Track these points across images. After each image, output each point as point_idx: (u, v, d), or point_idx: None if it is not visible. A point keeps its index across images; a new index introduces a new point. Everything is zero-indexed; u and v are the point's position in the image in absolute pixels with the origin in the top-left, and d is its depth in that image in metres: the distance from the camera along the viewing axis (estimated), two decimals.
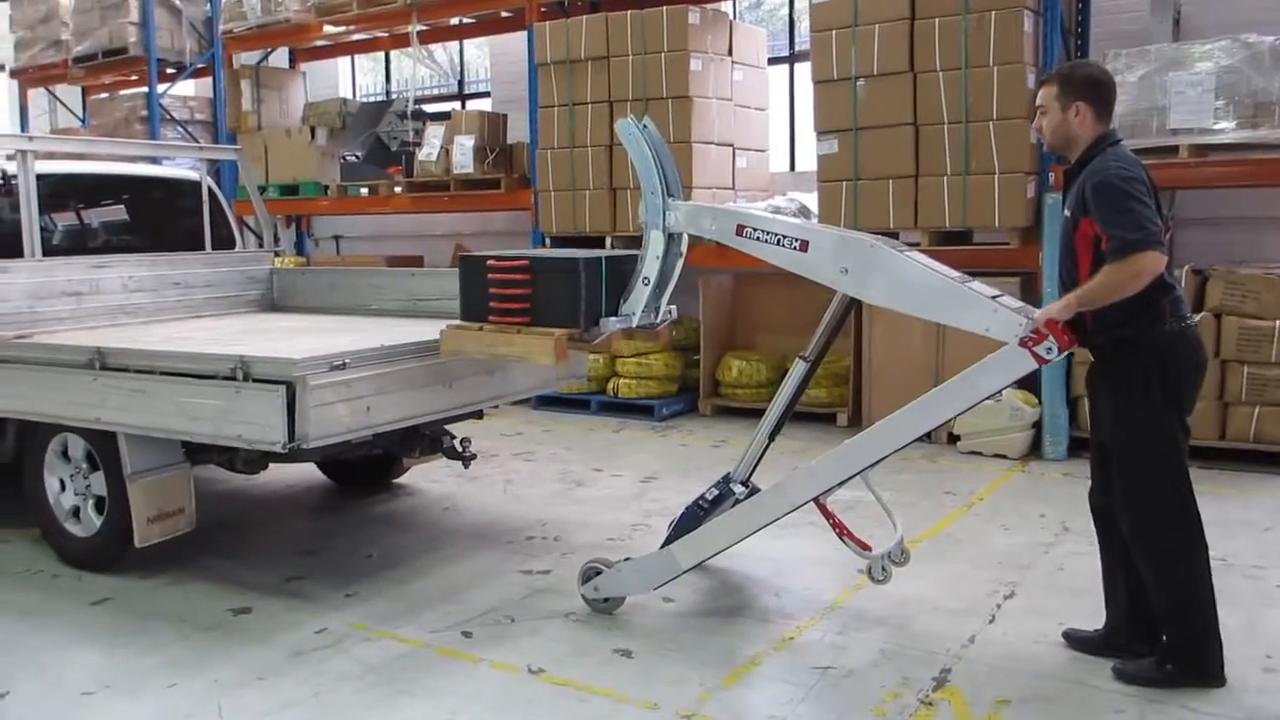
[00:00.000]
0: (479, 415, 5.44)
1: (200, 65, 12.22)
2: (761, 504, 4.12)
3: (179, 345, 5.03)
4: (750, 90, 9.13)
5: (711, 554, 4.26)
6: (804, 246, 3.89)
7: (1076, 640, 4.06)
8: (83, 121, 13.73)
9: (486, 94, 11.73)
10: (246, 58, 12.33)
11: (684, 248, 4.23)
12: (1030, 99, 7.18)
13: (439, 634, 4.28)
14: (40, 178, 5.73)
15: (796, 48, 9.83)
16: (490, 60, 11.72)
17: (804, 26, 9.68)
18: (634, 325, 4.26)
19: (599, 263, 4.22)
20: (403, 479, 6.61)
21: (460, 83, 12.23)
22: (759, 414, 8.41)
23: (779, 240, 3.93)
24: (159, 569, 5.04)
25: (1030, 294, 7.30)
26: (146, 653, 4.17)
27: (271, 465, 5.33)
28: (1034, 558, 5.09)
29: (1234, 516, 5.66)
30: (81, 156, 7.49)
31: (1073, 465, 6.81)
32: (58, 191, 6.29)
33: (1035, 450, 7.11)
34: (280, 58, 12.76)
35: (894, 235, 7.66)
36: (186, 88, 12.85)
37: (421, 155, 9.91)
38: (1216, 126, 6.65)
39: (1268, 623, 4.30)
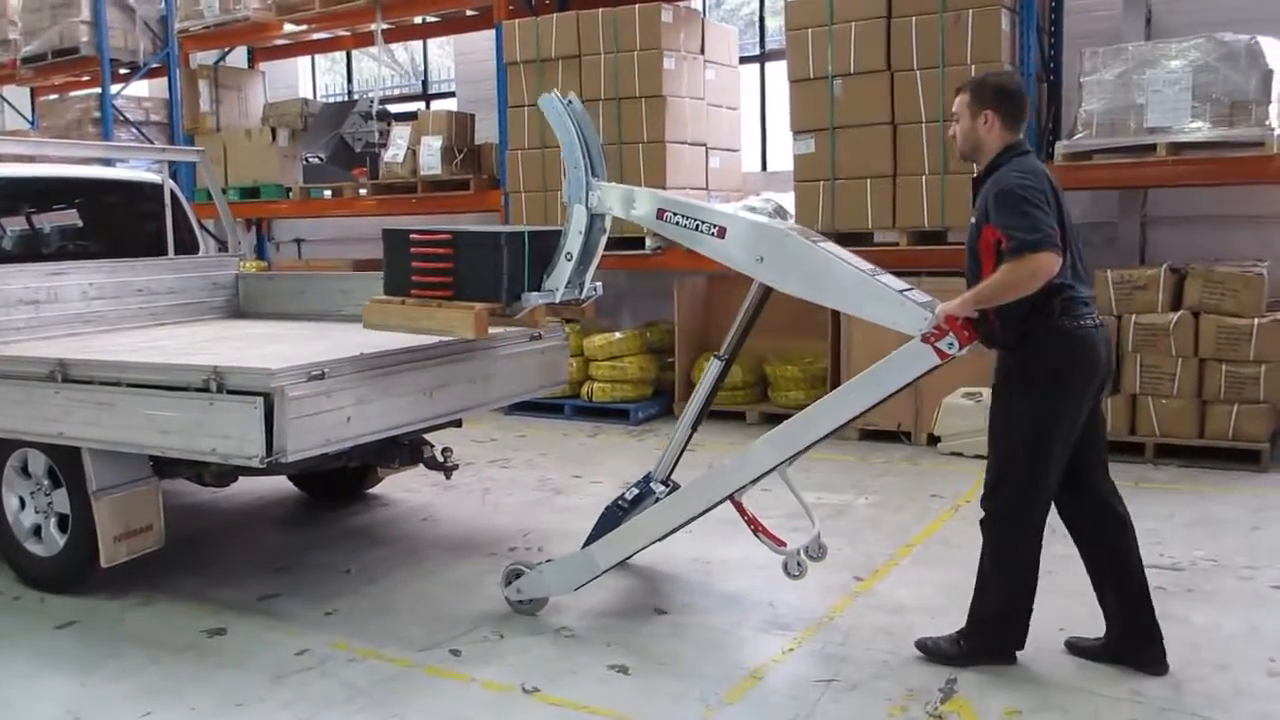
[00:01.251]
0: (458, 424, 5.28)
1: (155, 65, 11.91)
2: (678, 503, 4.16)
3: (146, 355, 4.83)
4: (722, 89, 9.04)
5: (630, 553, 4.27)
6: (721, 233, 3.93)
7: (1081, 650, 4.00)
8: (32, 124, 13.35)
9: (451, 94, 11.54)
10: (203, 57, 12.03)
11: (607, 225, 4.24)
12: None
13: (426, 653, 4.12)
14: None
15: (767, 46, 9.75)
16: (455, 60, 11.54)
17: (774, 25, 9.63)
18: (557, 300, 4.26)
19: (521, 237, 4.21)
20: (376, 489, 6.43)
21: (424, 83, 12.02)
22: (736, 416, 8.47)
23: (698, 225, 3.96)
24: (127, 589, 4.83)
25: None
26: (118, 679, 3.97)
27: (241, 477, 5.13)
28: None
29: (1219, 516, 5.64)
30: (36, 159, 7.21)
31: None
32: (11, 195, 6.03)
33: None
34: (238, 57, 12.47)
35: (871, 235, 7.62)
36: (141, 88, 12.52)
37: (387, 156, 9.71)
38: (1193, 125, 6.64)
39: (1267, 625, 4.25)
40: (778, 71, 9.22)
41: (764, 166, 9.76)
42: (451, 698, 3.76)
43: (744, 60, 9.57)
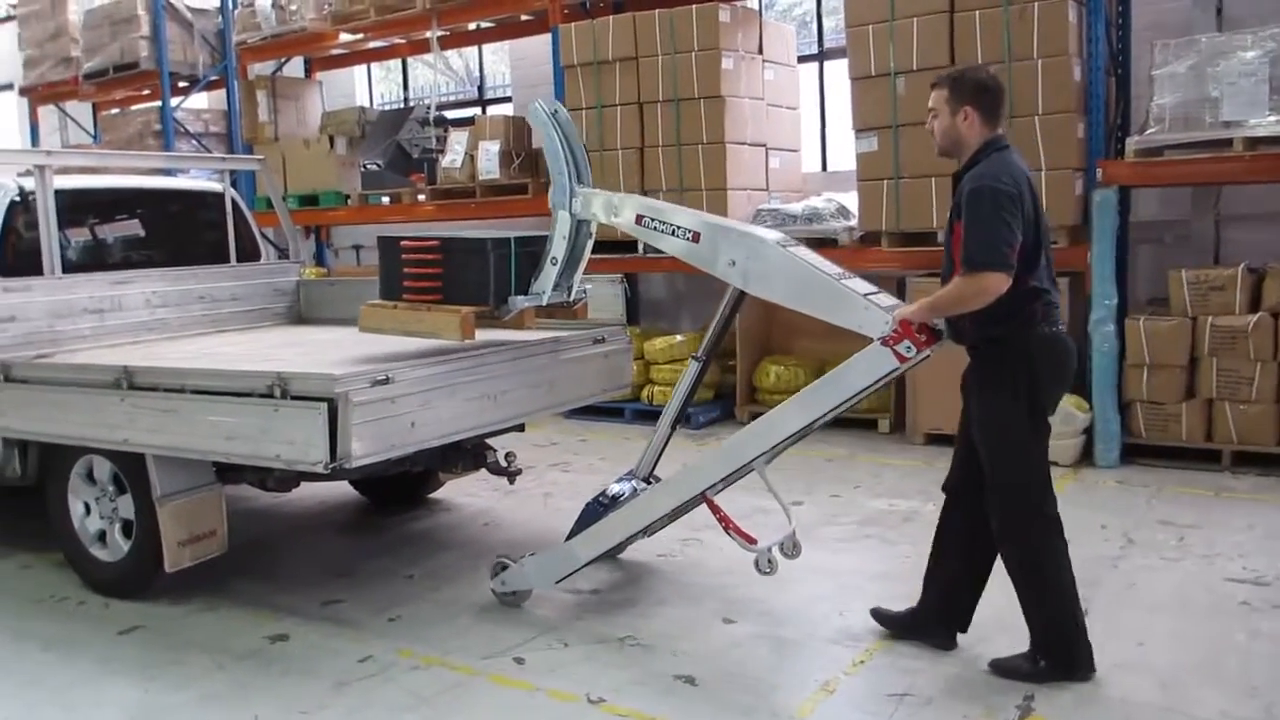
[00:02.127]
0: (521, 428, 5.22)
1: (214, 77, 12.06)
2: (652, 499, 4.31)
3: (209, 361, 4.83)
4: (781, 89, 8.92)
5: (609, 547, 4.41)
6: (695, 238, 4.08)
7: (884, 618, 4.14)
8: (94, 138, 13.57)
9: (507, 99, 11.53)
10: (260, 68, 12.16)
11: (593, 230, 4.42)
12: (1078, 92, 6.97)
13: (490, 660, 4.06)
14: (59, 193, 5.54)
15: (825, 45, 9.61)
16: (510, 65, 11.52)
17: (831, 24, 9.49)
18: (544, 303, 4.43)
19: (508, 243, 4.37)
20: (437, 494, 6.40)
21: (480, 88, 12.04)
22: None
23: (674, 230, 4.12)
24: (190, 594, 4.83)
25: (1079, 295, 7.07)
26: (181, 686, 3.96)
27: (303, 483, 5.11)
28: (1102, 573, 4.84)
29: None
30: (101, 171, 7.30)
31: (1127, 473, 6.56)
32: (77, 207, 6.09)
33: (1087, 457, 6.85)
34: (295, 68, 12.59)
35: (935, 235, 7.45)
36: (200, 101, 12.67)
37: (445, 162, 9.71)
38: (1270, 118, 6.39)
39: None
40: (836, 70, 9.10)
41: (824, 166, 9.61)
42: (516, 708, 3.69)
43: (802, 59, 9.44)
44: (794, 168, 9.14)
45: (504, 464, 5.23)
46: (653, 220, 4.16)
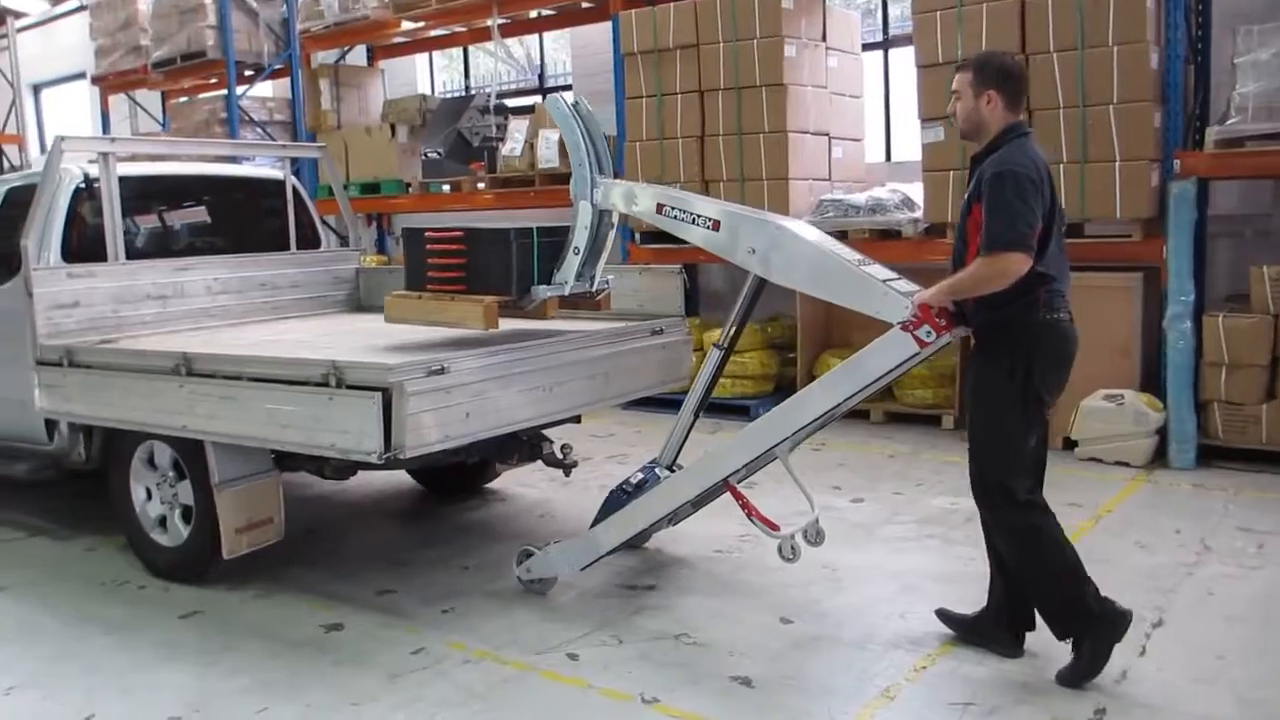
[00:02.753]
0: (577, 420, 5.17)
1: (278, 66, 12.15)
2: (673, 486, 4.33)
3: (267, 349, 4.83)
4: (845, 77, 8.75)
5: (629, 534, 4.43)
6: (716, 226, 4.11)
7: (949, 619, 4.09)
8: (163, 125, 13.77)
9: (568, 87, 11.48)
10: (324, 57, 12.25)
11: (615, 220, 4.49)
12: (1155, 80, 6.73)
13: (543, 655, 4.01)
14: (123, 180, 5.58)
15: (890, 32, 9.42)
16: (571, 53, 11.47)
17: (897, 11, 9.29)
18: (566, 293, 4.47)
19: (531, 233, 4.42)
20: (494, 484, 6.37)
21: (541, 77, 11.99)
22: (859, 415, 8.18)
23: (694, 219, 4.16)
24: (247, 580, 4.85)
25: (1154, 290, 6.84)
26: (236, 673, 3.96)
27: (360, 471, 5.10)
28: (1177, 581, 4.66)
29: None
30: (164, 158, 7.37)
31: (1203, 475, 6.33)
32: (141, 193, 6.15)
33: (1160, 458, 6.62)
34: (358, 56, 12.65)
35: None
36: (265, 89, 12.78)
37: (505, 150, 9.68)
38: None
39: None
40: (902, 58, 8.91)
41: (888, 156, 9.43)
42: (568, 705, 3.63)
43: (867, 47, 9.26)
44: (857, 158, 8.98)
45: (559, 456, 5.18)
46: (673, 209, 4.21)
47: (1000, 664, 3.83)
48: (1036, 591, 3.78)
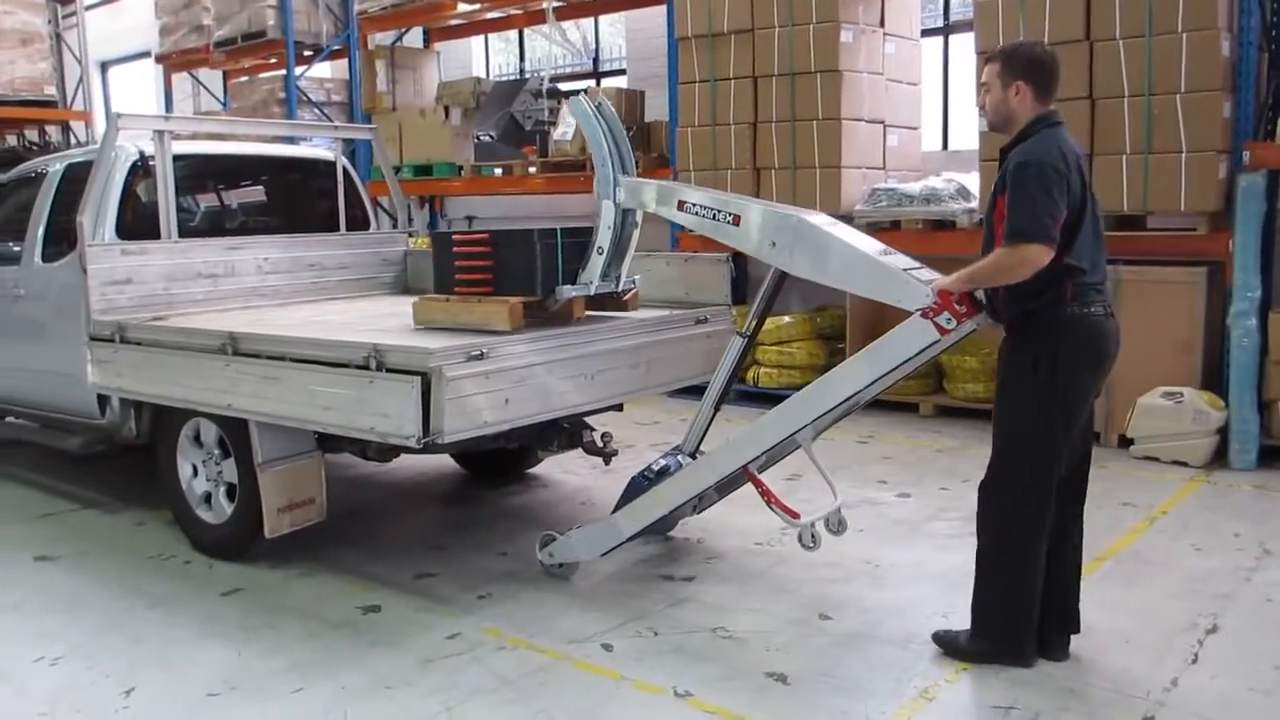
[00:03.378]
0: (619, 408, 5.13)
1: (336, 47, 12.24)
2: (693, 473, 4.32)
3: (313, 330, 4.85)
4: (902, 64, 8.58)
5: (649, 521, 4.41)
6: (736, 220, 4.13)
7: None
8: (224, 105, 13.93)
9: (622, 71, 11.42)
10: (381, 38, 12.30)
11: (639, 219, 4.53)
12: (1226, 69, 6.51)
13: (577, 645, 3.98)
14: (176, 159, 5.63)
15: (951, 18, 9.22)
16: (626, 37, 11.40)
17: None
18: (592, 292, 4.51)
19: (555, 234, 4.48)
20: (536, 469, 6.37)
21: (595, 60, 11.94)
22: (908, 408, 8.06)
23: (714, 215, 4.18)
24: (289, 559, 4.89)
25: (1218, 286, 6.63)
26: (274, 652, 3.99)
27: (402, 453, 5.11)
28: (1234, 585, 4.52)
29: None
30: (218, 137, 7.43)
31: (1264, 477, 6.14)
32: (194, 172, 6.21)
33: (1220, 458, 6.43)
34: (414, 38, 12.69)
35: None
36: (323, 70, 12.89)
37: (556, 134, 9.65)
38: None
39: None
40: (962, 44, 8.72)
41: (945, 145, 9.25)
42: (600, 696, 3.60)
43: (926, 33, 9.07)
44: (913, 146, 8.80)
45: (600, 444, 5.14)
46: (694, 205, 4.24)
47: (1044, 667, 3.73)
48: (988, 593, 3.75)
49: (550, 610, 4.32)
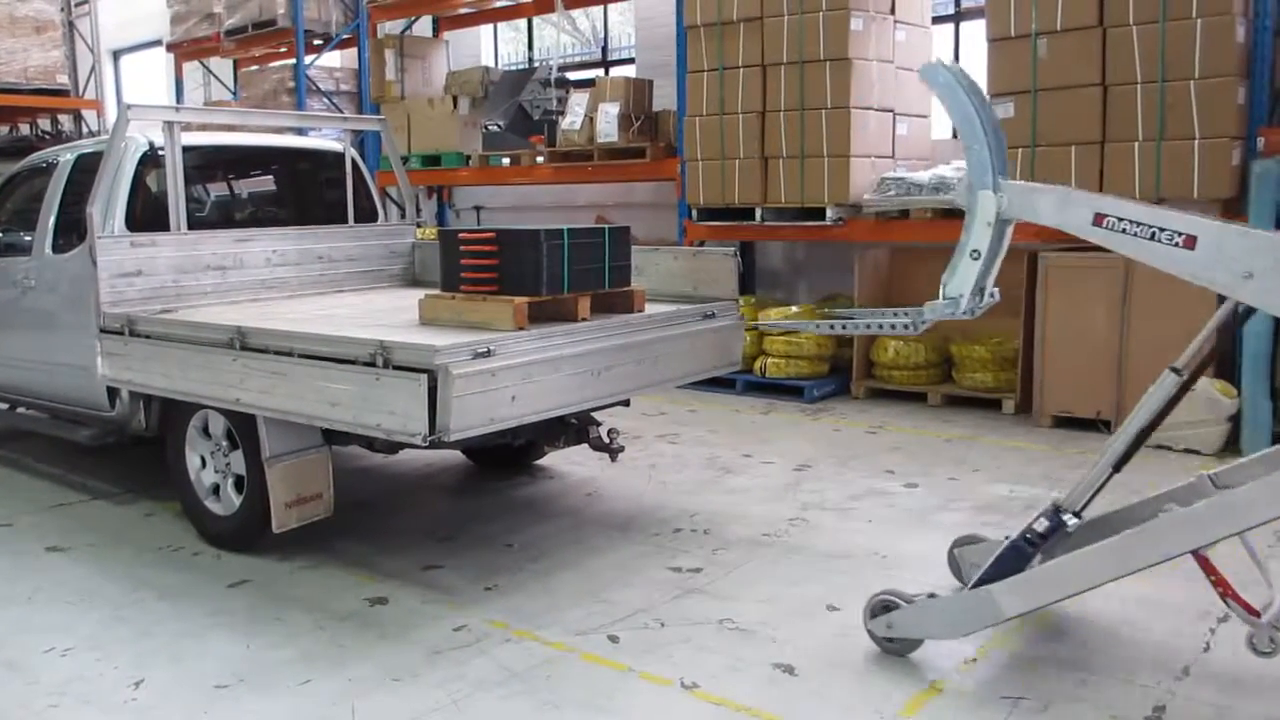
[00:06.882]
0: (626, 403, 5.12)
1: (346, 36, 12.23)
2: (1125, 548, 3.41)
3: (320, 325, 4.85)
4: (913, 51, 8.52)
5: (1047, 602, 3.60)
6: (1190, 242, 3.21)
7: None
8: (234, 94, 13.95)
9: (631, 60, 11.38)
10: (390, 27, 12.28)
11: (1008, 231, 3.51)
12: (1240, 54, 6.45)
13: (584, 637, 3.99)
14: (187, 150, 5.63)
15: (962, 4, 9.16)
16: (635, 25, 11.35)
17: None
18: (961, 310, 3.46)
19: (561, 234, 4.46)
20: (543, 461, 6.37)
21: (604, 49, 11.90)
22: (916, 397, 8.04)
23: (1154, 234, 3.24)
24: (296, 551, 4.90)
25: None
26: (282, 644, 4.00)
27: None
28: (1246, 573, 4.48)
29: None
30: (227, 128, 7.43)
31: None
32: (202, 163, 6.20)
33: (1232, 446, 6.39)
34: (423, 27, 12.67)
35: None
36: (332, 59, 12.89)
37: (564, 124, 9.63)
38: None
39: None
40: (973, 32, 8.66)
41: (955, 134, 9.17)
42: (606, 688, 3.60)
43: (937, 20, 9.02)
44: (923, 134, 8.77)
45: (606, 440, 5.13)
46: (1119, 220, 3.26)
47: (1055, 657, 3.72)
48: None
49: (557, 602, 4.32)
